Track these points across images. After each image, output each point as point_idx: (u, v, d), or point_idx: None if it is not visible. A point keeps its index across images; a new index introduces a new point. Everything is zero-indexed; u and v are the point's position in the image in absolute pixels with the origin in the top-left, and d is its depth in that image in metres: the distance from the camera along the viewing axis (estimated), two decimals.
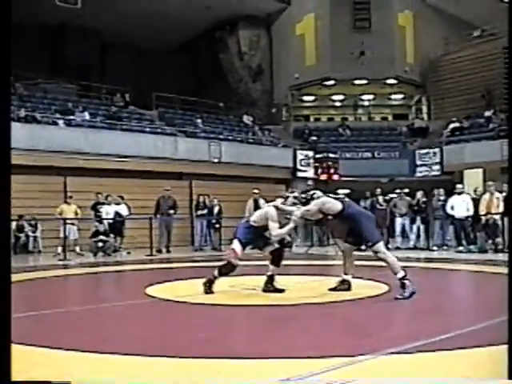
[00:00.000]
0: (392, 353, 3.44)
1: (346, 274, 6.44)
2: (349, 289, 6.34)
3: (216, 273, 6.32)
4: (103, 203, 14.31)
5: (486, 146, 18.52)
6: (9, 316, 2.08)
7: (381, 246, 6.00)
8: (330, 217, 6.25)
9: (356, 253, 6.58)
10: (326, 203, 6.18)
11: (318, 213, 6.29)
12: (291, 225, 6.23)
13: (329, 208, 6.16)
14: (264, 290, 6.34)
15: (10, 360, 2.02)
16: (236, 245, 6.26)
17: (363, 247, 6.28)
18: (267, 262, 6.51)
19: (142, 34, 25.04)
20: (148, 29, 24.53)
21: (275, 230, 6.17)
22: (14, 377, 2.06)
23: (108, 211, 14.15)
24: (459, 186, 14.12)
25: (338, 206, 6.12)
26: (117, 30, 24.44)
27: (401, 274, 5.78)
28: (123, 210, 14.49)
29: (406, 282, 5.71)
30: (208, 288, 6.27)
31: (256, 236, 6.35)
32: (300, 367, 3.14)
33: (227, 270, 6.31)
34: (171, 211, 14.71)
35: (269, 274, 6.39)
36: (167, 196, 14.76)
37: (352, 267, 6.47)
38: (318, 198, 6.27)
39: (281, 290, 6.34)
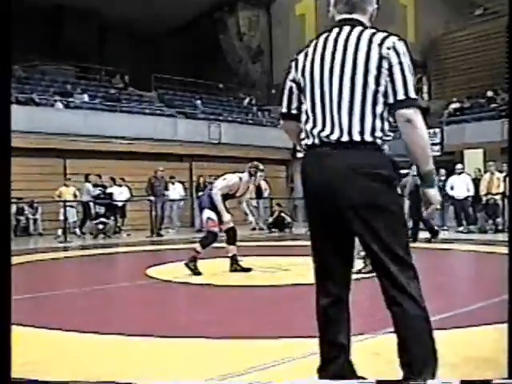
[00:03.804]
0: (391, 332, 3.45)
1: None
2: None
3: (198, 247, 6.26)
4: (103, 185, 14.30)
5: (487, 126, 18.41)
6: (9, 316, 2.08)
7: None
8: None
9: None
10: None
11: None
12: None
13: None
14: (231, 271, 6.33)
15: (10, 360, 2.03)
16: (210, 213, 6.24)
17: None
18: (225, 244, 6.51)
19: (140, 15, 24.77)
20: (147, 9, 24.26)
21: (218, 193, 6.22)
22: (14, 359, 2.07)
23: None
24: (459, 166, 14.08)
25: None
26: (116, 11, 24.16)
27: None
28: (124, 192, 14.47)
29: None
30: (194, 267, 6.16)
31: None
32: (301, 347, 3.15)
33: (209, 240, 6.26)
34: (166, 193, 14.40)
35: (230, 255, 6.39)
36: (160, 176, 14.42)
37: None
38: None
39: (247, 269, 6.33)
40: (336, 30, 2.26)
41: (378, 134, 2.14)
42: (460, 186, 13.29)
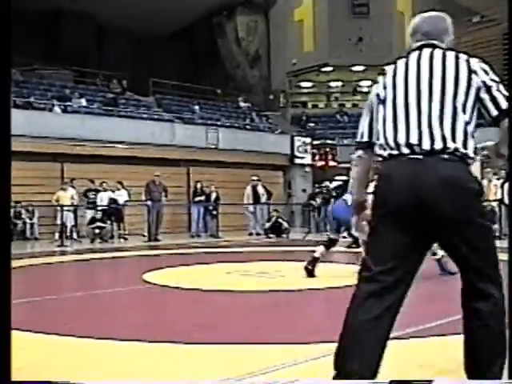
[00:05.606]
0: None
1: None
2: None
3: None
4: (96, 190, 14.32)
5: (484, 133, 18.39)
6: (9, 315, 2.07)
7: None
8: None
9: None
10: None
11: None
12: None
13: None
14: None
15: (10, 360, 2.02)
16: None
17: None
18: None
19: (138, 20, 24.82)
20: (145, 14, 24.30)
21: None
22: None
23: (102, 198, 14.14)
24: None
25: None
26: (113, 15, 24.21)
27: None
28: (123, 196, 14.46)
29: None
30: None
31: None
32: (298, 352, 3.15)
33: None
34: (164, 198, 14.42)
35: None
36: (158, 182, 14.40)
37: None
38: None
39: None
40: (416, 52, 2.33)
41: (470, 147, 2.14)
42: None
